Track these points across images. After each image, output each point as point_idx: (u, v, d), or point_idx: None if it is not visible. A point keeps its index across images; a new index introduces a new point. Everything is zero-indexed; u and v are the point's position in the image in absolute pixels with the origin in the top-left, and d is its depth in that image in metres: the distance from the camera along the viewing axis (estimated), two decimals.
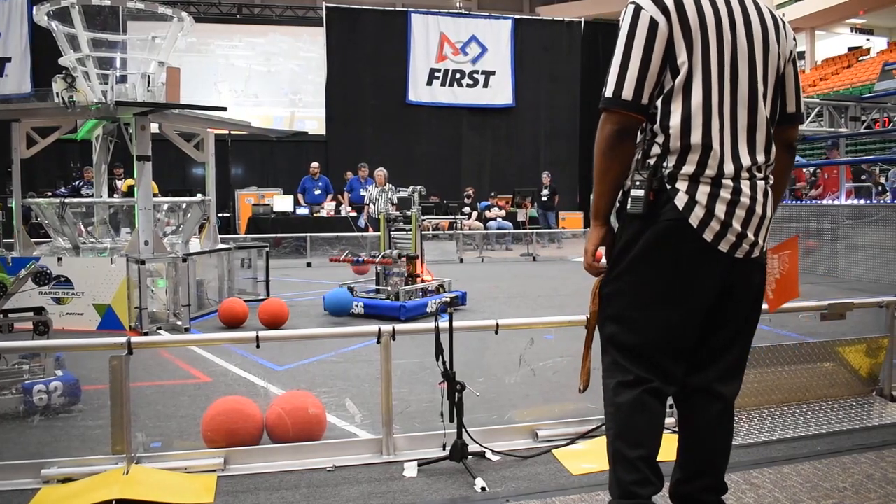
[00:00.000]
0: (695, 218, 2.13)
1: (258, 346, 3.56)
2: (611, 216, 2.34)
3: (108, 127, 8.23)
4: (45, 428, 4.05)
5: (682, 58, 2.13)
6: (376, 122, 21.34)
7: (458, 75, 22.08)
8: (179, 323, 7.00)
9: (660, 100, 2.18)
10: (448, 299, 7.00)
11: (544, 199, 18.03)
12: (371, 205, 14.28)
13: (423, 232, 16.12)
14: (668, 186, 2.15)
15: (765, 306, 2.60)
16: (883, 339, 4.30)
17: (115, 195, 11.13)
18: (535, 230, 16.07)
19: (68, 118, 7.82)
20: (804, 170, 14.40)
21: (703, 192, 2.13)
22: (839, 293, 8.76)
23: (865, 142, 21.62)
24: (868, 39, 38.83)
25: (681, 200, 2.13)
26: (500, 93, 22.29)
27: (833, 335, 4.50)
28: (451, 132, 22.13)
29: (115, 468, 3.26)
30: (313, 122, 21.29)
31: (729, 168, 2.14)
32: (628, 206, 2.20)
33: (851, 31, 39.51)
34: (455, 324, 3.47)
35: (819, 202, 12.30)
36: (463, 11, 25.62)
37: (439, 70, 21.93)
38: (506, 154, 22.31)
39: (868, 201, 12.85)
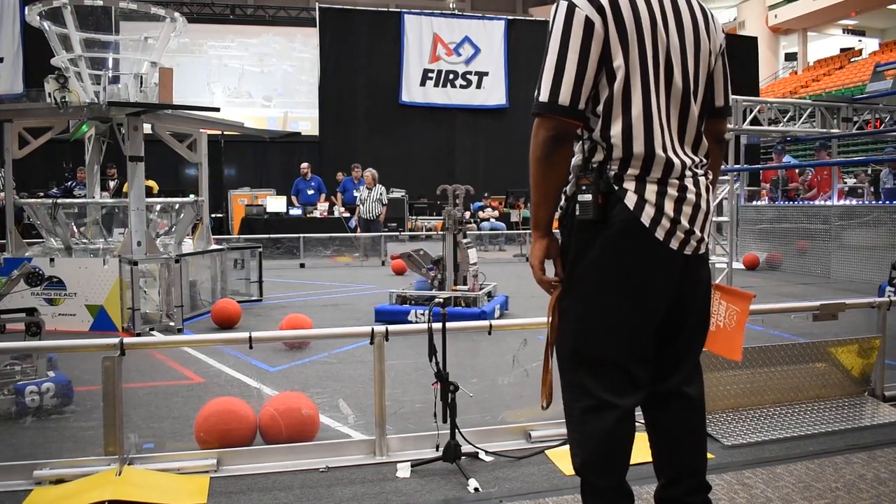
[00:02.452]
0: (646, 217, 2.09)
1: (251, 347, 3.55)
2: (552, 226, 2.27)
3: (100, 127, 8.20)
4: (37, 429, 4.04)
5: (618, 61, 2.07)
6: (369, 122, 21.32)
7: (451, 76, 22.08)
8: (172, 324, 6.99)
9: (599, 107, 2.12)
10: (441, 300, 6.97)
11: None
12: (361, 205, 14.30)
13: (416, 233, 16.28)
14: (616, 188, 2.11)
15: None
16: (875, 339, 4.31)
17: (105, 194, 11.10)
18: (528, 231, 16.05)
19: (60, 118, 7.80)
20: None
21: (651, 190, 2.10)
22: (831, 294, 8.81)
23: (857, 143, 21.72)
24: (860, 41, 39.03)
25: (631, 200, 2.09)
26: (493, 93, 22.30)
27: (825, 335, 4.51)
28: (445, 133, 22.12)
29: (107, 469, 3.25)
30: (306, 122, 21.27)
31: (674, 168, 2.12)
32: (577, 213, 2.14)
33: (843, 33, 39.70)
34: (448, 324, 3.47)
35: (811, 203, 12.34)
36: (456, 12, 25.64)
37: (433, 71, 21.93)
38: (499, 155, 22.30)
39: (860, 202, 12.90)
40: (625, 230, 2.10)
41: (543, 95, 2.09)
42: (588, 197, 2.11)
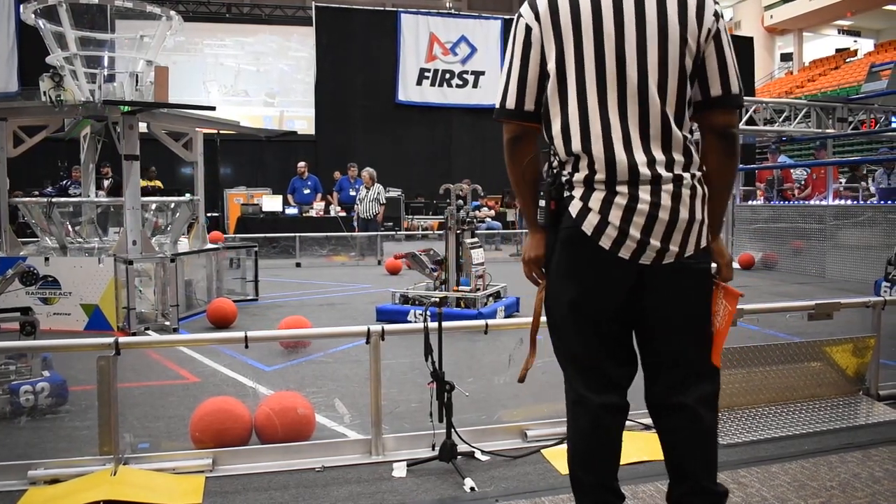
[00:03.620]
0: (588, 225, 2.09)
1: (247, 347, 3.55)
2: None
3: (95, 126, 8.19)
4: (31, 429, 4.03)
5: (550, 63, 2.12)
6: (366, 122, 21.30)
7: (447, 75, 22.08)
8: (167, 323, 6.97)
9: (543, 109, 2.19)
10: (437, 299, 6.97)
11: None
12: (359, 204, 14.29)
13: (412, 232, 16.26)
14: (566, 194, 2.14)
15: None
16: (870, 338, 4.32)
17: (101, 193, 11.08)
18: (525, 230, 16.02)
19: (56, 117, 7.77)
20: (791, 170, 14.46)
21: (596, 198, 2.08)
22: (826, 293, 8.82)
23: (853, 143, 21.77)
24: (855, 41, 39.13)
25: (574, 208, 2.11)
26: (489, 93, 22.27)
27: (820, 335, 4.52)
28: (441, 132, 22.12)
29: (102, 469, 3.25)
30: (303, 121, 21.25)
31: (621, 170, 2.05)
32: (538, 218, 2.23)
33: (839, 33, 39.80)
34: (444, 324, 3.47)
35: (807, 203, 12.37)
36: (452, 12, 25.63)
37: (429, 70, 21.93)
38: (495, 154, 22.17)
39: (855, 202, 12.93)
40: (568, 238, 2.14)
41: (497, 101, 2.24)
42: (543, 203, 2.19)
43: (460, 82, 22.14)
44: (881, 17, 36.50)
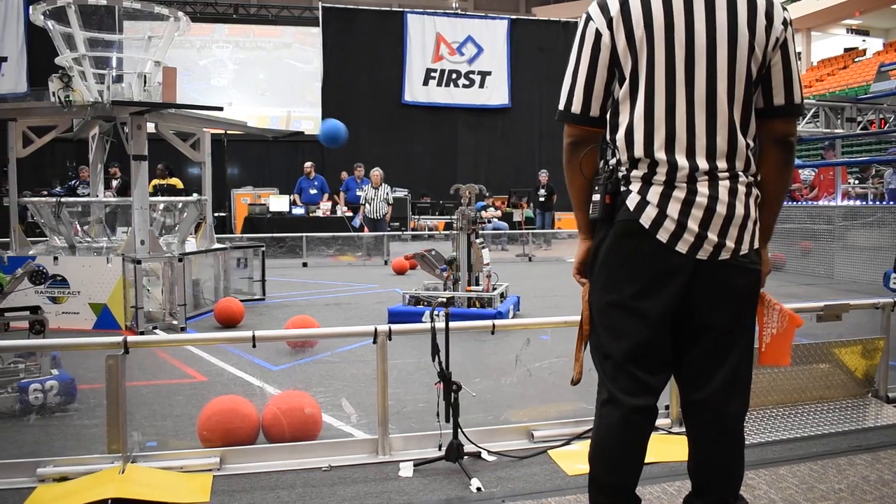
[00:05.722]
0: (646, 218, 2.08)
1: (254, 346, 3.55)
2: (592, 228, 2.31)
3: (104, 126, 8.22)
4: (40, 427, 4.05)
5: (626, 68, 2.10)
6: (372, 122, 21.33)
7: (454, 75, 22.10)
8: (175, 322, 6.99)
9: (609, 112, 2.18)
10: (444, 300, 6.97)
11: (541, 199, 17.69)
12: (367, 205, 14.31)
13: (419, 232, 16.26)
14: (623, 189, 2.13)
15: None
16: (879, 340, 4.31)
17: (108, 193, 11.11)
18: (531, 230, 16.04)
19: (64, 118, 7.81)
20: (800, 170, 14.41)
21: (654, 192, 2.09)
22: (835, 294, 8.79)
23: (861, 143, 21.68)
24: (864, 41, 38.94)
25: (632, 202, 2.10)
26: (496, 93, 22.32)
27: (829, 336, 4.50)
28: (447, 133, 22.15)
29: (110, 467, 3.26)
30: (309, 121, 21.28)
31: (682, 174, 2.07)
32: (590, 212, 2.21)
33: (847, 32, 39.61)
34: (451, 324, 3.47)
35: (815, 203, 12.32)
36: (459, 12, 25.64)
37: (435, 70, 21.95)
38: (502, 154, 22.32)
39: (864, 202, 12.88)
40: (624, 230, 2.12)
41: (560, 104, 2.22)
42: (597, 197, 2.17)
43: (467, 82, 22.16)
44: (890, 16, 36.36)
